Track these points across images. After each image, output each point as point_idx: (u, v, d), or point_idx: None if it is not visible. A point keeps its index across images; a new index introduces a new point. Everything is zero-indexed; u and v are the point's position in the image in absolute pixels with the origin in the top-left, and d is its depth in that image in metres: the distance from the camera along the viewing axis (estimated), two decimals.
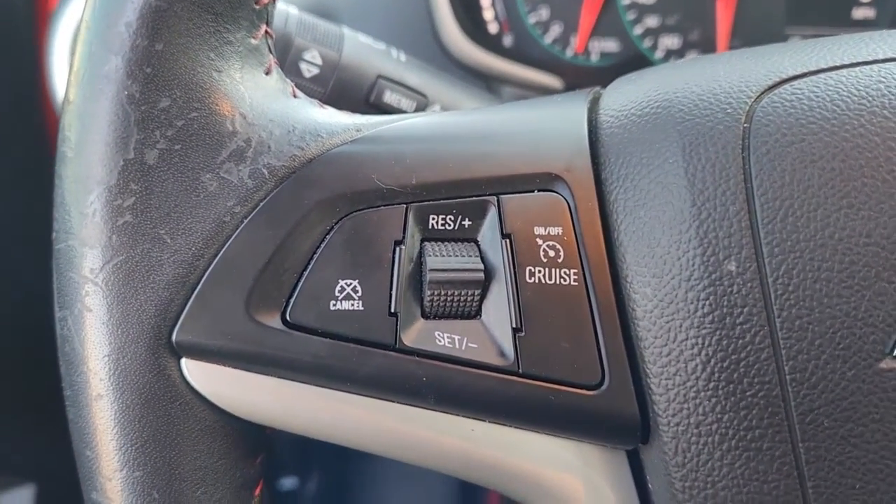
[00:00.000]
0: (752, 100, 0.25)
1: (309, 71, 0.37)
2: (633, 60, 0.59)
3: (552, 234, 0.25)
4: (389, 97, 0.38)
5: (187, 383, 0.24)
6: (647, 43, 0.58)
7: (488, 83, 0.57)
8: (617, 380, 0.24)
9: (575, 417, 0.25)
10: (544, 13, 0.58)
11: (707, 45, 0.58)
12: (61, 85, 0.54)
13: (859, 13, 0.58)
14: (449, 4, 0.53)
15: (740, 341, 0.23)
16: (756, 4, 0.57)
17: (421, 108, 0.38)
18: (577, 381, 0.24)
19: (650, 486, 0.25)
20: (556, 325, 0.24)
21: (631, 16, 0.58)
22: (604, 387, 0.24)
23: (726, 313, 0.23)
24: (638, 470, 0.26)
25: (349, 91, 0.37)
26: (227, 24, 0.24)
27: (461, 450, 0.26)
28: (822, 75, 0.25)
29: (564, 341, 0.24)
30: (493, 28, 0.58)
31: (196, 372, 0.24)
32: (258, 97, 0.25)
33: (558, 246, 0.25)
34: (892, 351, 0.22)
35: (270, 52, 0.26)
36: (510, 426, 0.25)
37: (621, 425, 0.24)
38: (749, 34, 0.58)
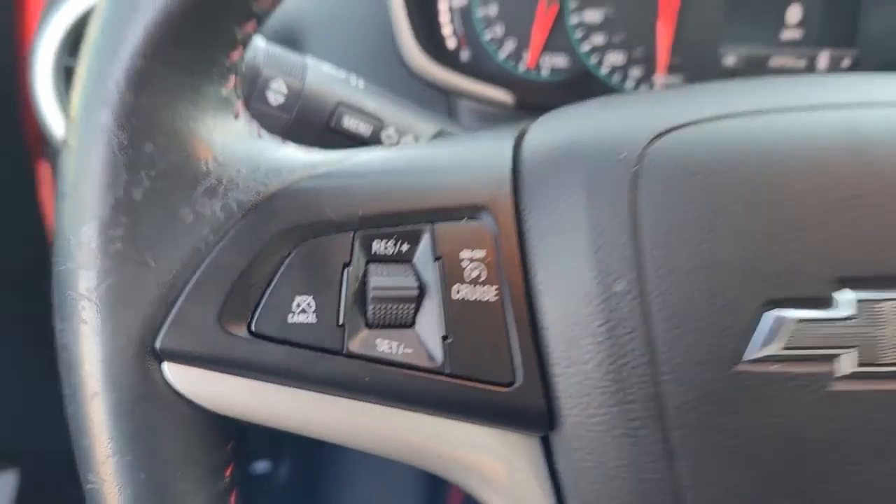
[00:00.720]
0: (643, 146, 0.30)
1: (276, 99, 0.41)
2: (581, 76, 0.63)
3: (476, 256, 0.30)
4: (348, 122, 0.42)
5: (168, 384, 0.28)
6: (593, 59, 0.63)
7: (447, 95, 0.62)
8: (528, 379, 0.29)
9: (493, 410, 0.30)
10: (499, 30, 0.63)
11: (649, 62, 0.63)
12: (44, 99, 0.58)
13: (787, 34, 0.63)
14: (409, 24, 0.57)
15: (625, 348, 0.28)
16: (692, 25, 0.62)
17: (377, 131, 0.43)
18: (494, 379, 0.29)
19: (557, 465, 0.30)
20: (478, 333, 0.29)
21: (579, 34, 0.63)
22: (517, 385, 0.29)
23: (615, 325, 0.28)
24: (549, 452, 0.31)
25: (312, 116, 0.42)
26: (201, 80, 0.28)
27: (400, 438, 0.30)
28: (702, 125, 0.30)
29: (485, 347, 0.29)
30: (451, 43, 0.63)
31: (176, 374, 0.28)
32: (228, 140, 0.29)
33: (482, 266, 0.30)
34: (742, 357, 0.27)
35: (238, 97, 0.30)
36: (441, 417, 0.30)
37: (532, 416, 0.30)
38: (687, 52, 0.62)
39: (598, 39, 0.63)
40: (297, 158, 0.30)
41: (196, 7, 0.27)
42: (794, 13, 0.62)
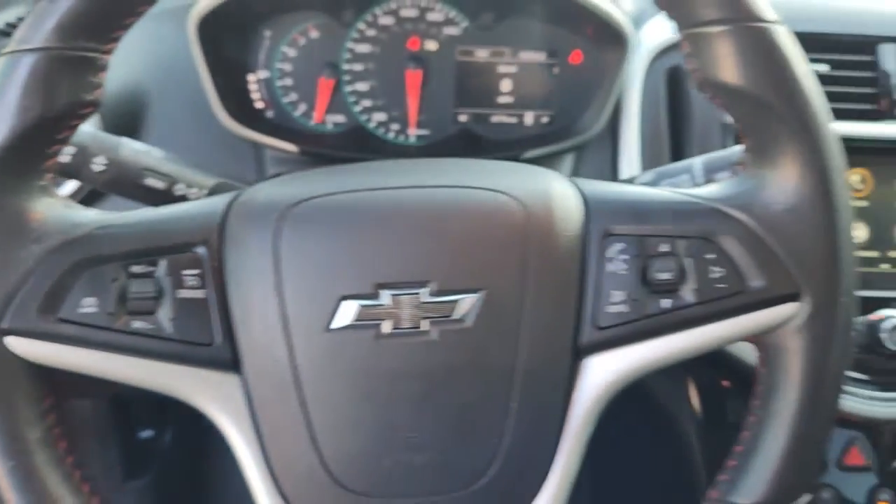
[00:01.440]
0: (288, 207, 0.53)
1: (98, 167, 0.63)
2: (357, 129, 0.87)
3: (194, 273, 0.52)
4: (149, 181, 0.64)
5: (9, 349, 0.50)
6: (364, 117, 0.87)
7: (254, 145, 0.85)
8: (222, 341, 0.52)
9: (203, 360, 0.52)
10: (294, 96, 0.86)
11: (404, 119, 0.87)
12: None
13: (502, 99, 0.87)
14: (217, 97, 0.80)
15: (270, 325, 0.51)
16: (432, 94, 0.86)
17: (170, 185, 0.65)
18: (202, 342, 0.52)
19: (247, 392, 0.53)
20: (193, 316, 0.52)
21: (352, 99, 0.86)
22: (215, 344, 0.52)
23: (264, 312, 0.51)
24: (245, 385, 0.54)
25: (125, 177, 0.64)
26: (30, 180, 0.50)
27: (152, 378, 0.53)
28: (322, 197, 0.53)
29: (197, 324, 0.52)
30: (259, 105, 0.85)
31: (14, 343, 0.50)
32: (47, 210, 0.51)
33: (197, 279, 0.52)
34: (330, 327, 0.51)
35: (54, 185, 0.52)
36: (174, 364, 0.53)
37: (226, 363, 0.52)
38: (430, 112, 0.87)
39: (367, 103, 0.86)
40: (90, 217, 0.53)
41: (23, 142, 0.49)
42: (505, 85, 0.87)
